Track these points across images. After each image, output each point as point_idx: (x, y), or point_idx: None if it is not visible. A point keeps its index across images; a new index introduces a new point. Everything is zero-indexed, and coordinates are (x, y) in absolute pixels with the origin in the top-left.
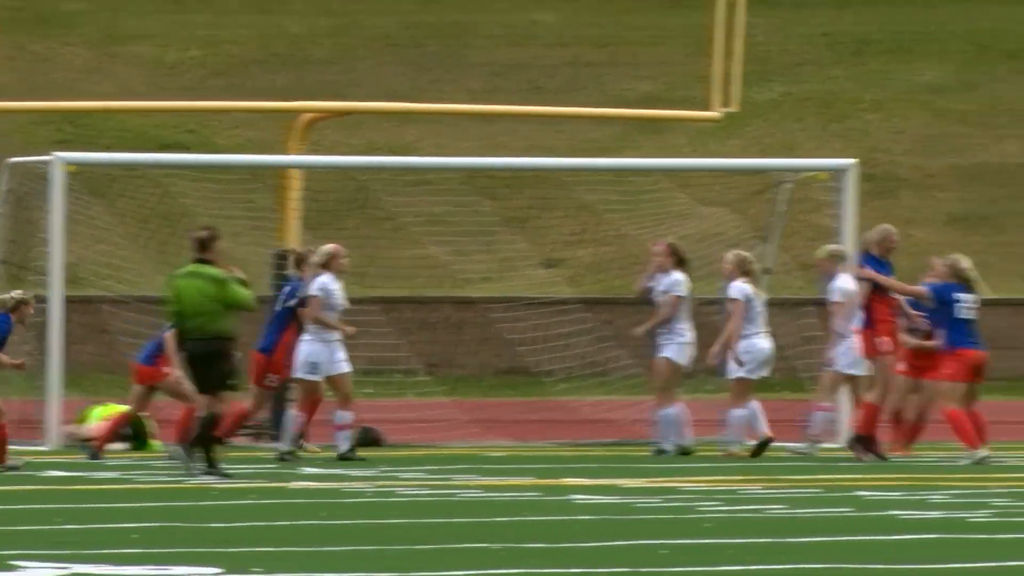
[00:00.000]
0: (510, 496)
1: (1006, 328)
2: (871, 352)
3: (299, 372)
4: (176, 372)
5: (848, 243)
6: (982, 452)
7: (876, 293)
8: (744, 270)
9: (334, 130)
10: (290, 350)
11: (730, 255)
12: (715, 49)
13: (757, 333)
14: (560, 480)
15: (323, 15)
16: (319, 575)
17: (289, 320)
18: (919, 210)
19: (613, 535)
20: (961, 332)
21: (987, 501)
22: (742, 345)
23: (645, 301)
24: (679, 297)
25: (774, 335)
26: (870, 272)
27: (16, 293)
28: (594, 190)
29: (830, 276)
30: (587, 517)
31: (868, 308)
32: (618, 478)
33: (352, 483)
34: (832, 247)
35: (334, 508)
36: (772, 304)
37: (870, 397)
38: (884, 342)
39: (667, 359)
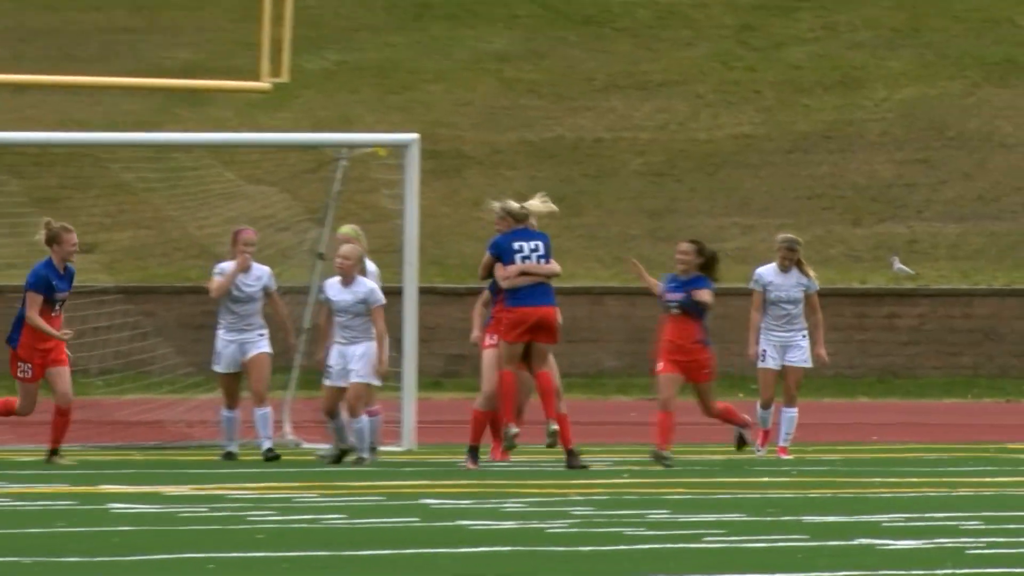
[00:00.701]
0: (42, 505)
1: (585, 319)
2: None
3: None
4: None
5: (411, 225)
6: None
7: None
8: None
9: None
10: None
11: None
12: (263, 14)
13: None
14: (97, 487)
15: None
16: None
17: None
18: (486, 190)
19: (155, 548)
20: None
21: (566, 510)
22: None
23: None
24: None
25: None
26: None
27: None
28: (132, 168)
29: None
30: (126, 528)
31: None
32: (161, 485)
33: None
34: None
35: None
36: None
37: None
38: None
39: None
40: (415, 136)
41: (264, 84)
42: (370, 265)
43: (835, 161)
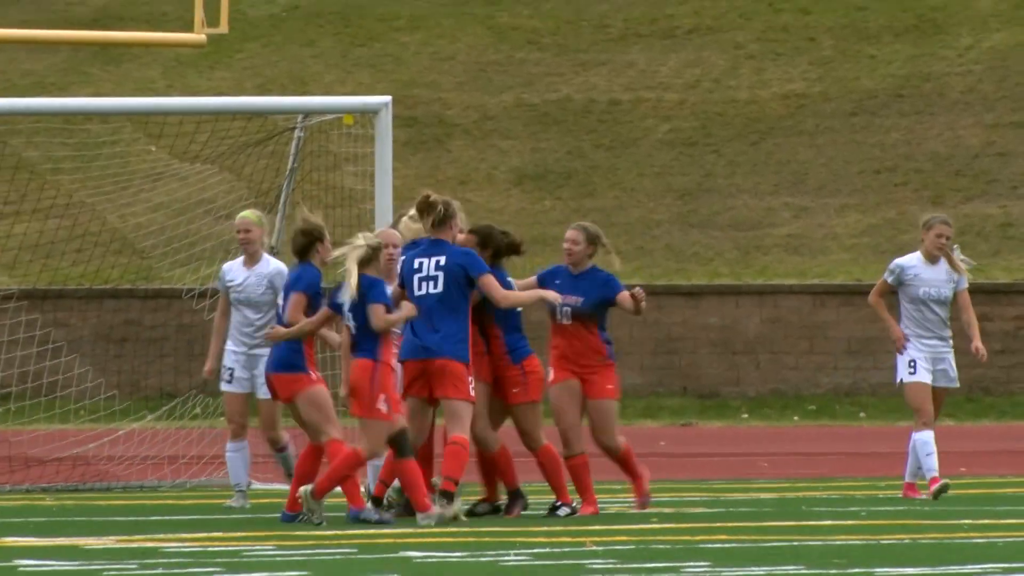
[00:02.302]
0: None
1: None
2: None
3: None
4: None
5: (383, 210)
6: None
7: None
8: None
9: None
10: None
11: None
12: None
13: None
14: (0, 539)
15: None
16: None
17: None
18: (476, 166)
19: None
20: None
21: (581, 563)
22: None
23: None
24: None
25: None
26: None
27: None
28: (34, 143)
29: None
30: None
31: None
32: (79, 536)
33: None
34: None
35: None
36: None
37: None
38: None
39: None
40: (387, 99)
41: (198, 36)
42: (277, 263)
43: (909, 126)
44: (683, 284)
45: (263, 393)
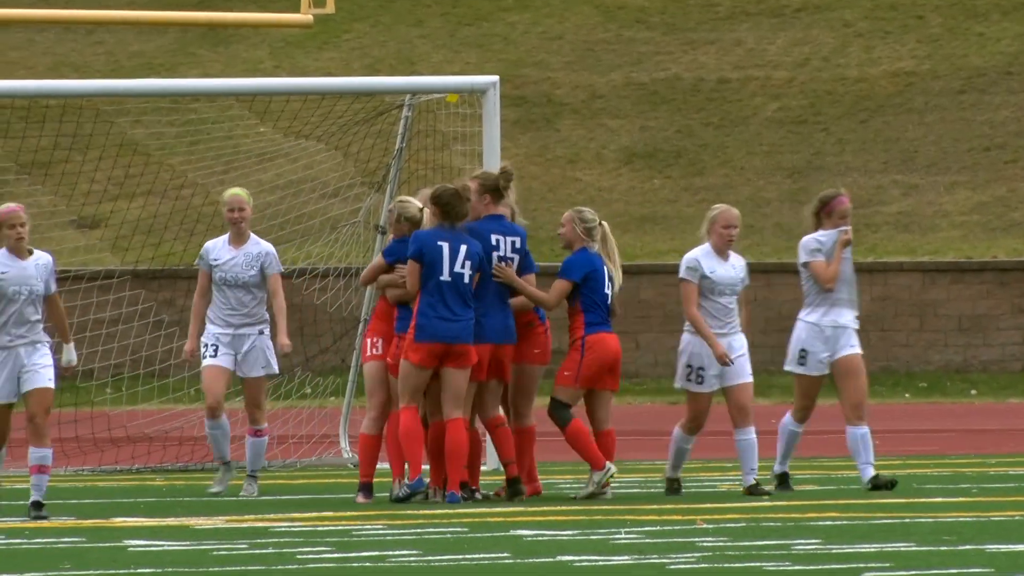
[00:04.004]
0: (43, 543)
1: None
2: None
3: None
4: None
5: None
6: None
7: None
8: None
9: None
10: None
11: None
12: None
13: None
14: (110, 520)
15: None
16: None
17: None
18: (585, 145)
19: None
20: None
21: (692, 541)
22: None
23: None
24: None
25: None
26: None
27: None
28: (142, 123)
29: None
30: (147, 570)
31: None
32: (188, 516)
33: None
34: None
35: None
36: None
37: None
38: None
39: None
40: (494, 79)
41: (305, 16)
42: (262, 244)
43: (1018, 103)
44: (793, 262)
45: (248, 371)
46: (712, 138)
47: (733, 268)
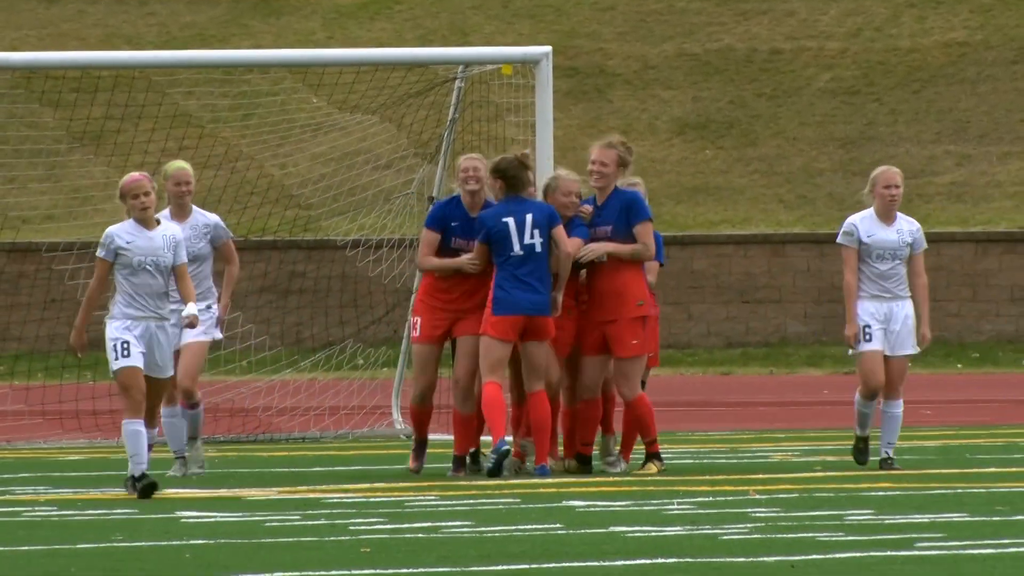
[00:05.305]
0: (95, 514)
1: (763, 275)
2: None
3: None
4: None
5: (544, 160)
6: None
7: None
8: None
9: None
10: None
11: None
12: None
13: None
14: (162, 492)
15: None
16: None
17: None
18: (637, 116)
19: (236, 566)
20: None
21: (745, 512)
22: None
23: None
24: None
25: None
26: None
27: None
28: (195, 94)
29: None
30: (200, 541)
31: None
32: (241, 487)
33: None
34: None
35: None
36: None
37: None
38: None
39: None
40: (547, 49)
41: None
42: (208, 215)
43: None
44: None
45: (185, 338)
46: (764, 109)
47: (898, 232)
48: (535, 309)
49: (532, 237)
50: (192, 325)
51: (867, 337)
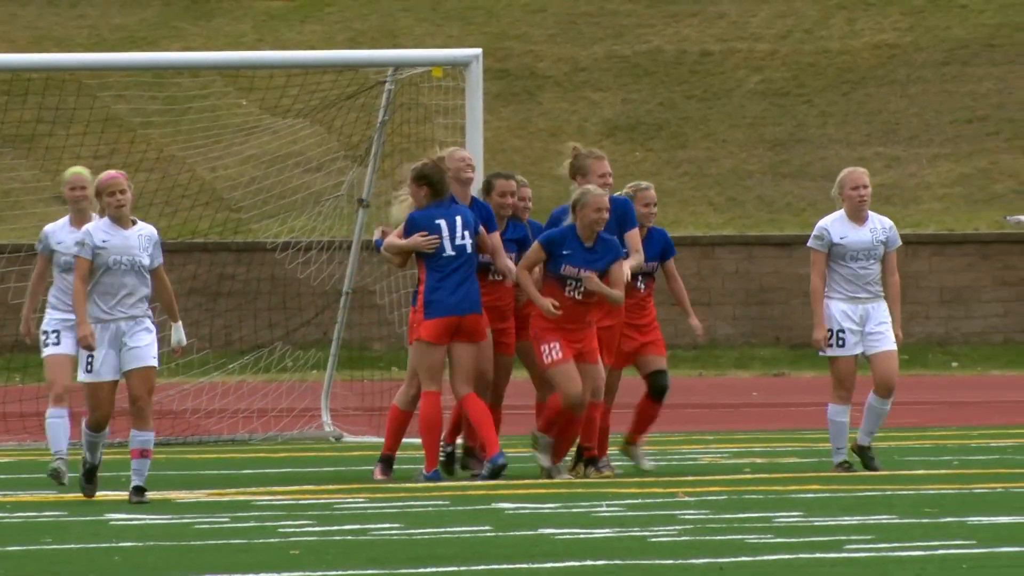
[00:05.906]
0: (24, 517)
1: (692, 277)
2: None
3: None
4: None
5: (475, 162)
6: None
7: None
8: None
9: None
10: None
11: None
12: None
13: None
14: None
15: None
16: None
17: None
18: (567, 118)
19: (165, 568)
20: None
21: (674, 514)
22: None
23: None
24: None
25: None
26: None
27: None
28: (125, 97)
29: None
30: (129, 544)
31: None
32: (170, 490)
33: None
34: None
35: None
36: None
37: None
38: None
39: None
40: (477, 51)
41: None
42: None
43: (1000, 75)
44: (775, 235)
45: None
46: (694, 111)
47: (871, 231)
48: (466, 309)
49: (463, 238)
50: (177, 351)
51: (840, 343)
